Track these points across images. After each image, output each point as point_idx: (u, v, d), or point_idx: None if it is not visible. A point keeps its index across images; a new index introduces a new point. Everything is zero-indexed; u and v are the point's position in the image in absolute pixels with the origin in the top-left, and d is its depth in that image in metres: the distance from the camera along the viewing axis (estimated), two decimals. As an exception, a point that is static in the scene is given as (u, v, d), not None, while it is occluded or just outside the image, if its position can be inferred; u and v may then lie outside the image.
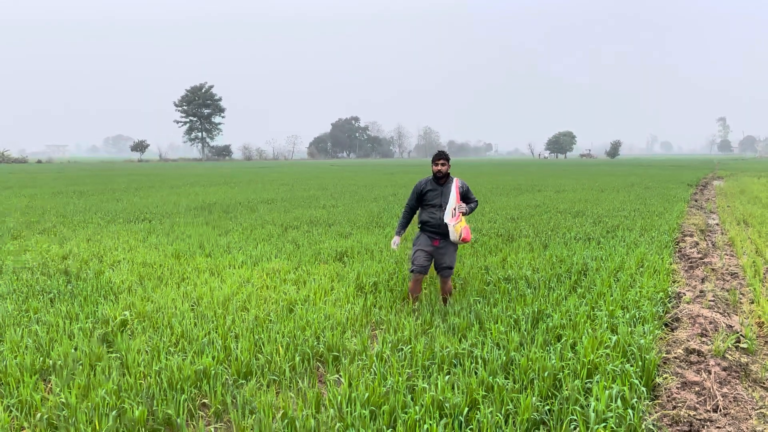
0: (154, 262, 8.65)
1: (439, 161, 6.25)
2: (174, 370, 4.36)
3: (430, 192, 6.34)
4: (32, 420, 3.83)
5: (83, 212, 16.04)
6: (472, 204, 6.44)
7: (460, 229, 6.13)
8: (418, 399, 3.98)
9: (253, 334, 5.30)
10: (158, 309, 6.14)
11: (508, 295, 6.74)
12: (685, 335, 5.36)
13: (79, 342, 5.08)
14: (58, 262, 8.72)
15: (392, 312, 6.06)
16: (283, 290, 6.93)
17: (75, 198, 21.38)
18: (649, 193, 21.97)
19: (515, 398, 3.99)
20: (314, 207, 17.59)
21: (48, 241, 10.75)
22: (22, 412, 3.94)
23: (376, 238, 10.97)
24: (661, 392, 4.28)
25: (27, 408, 3.96)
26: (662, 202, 18.42)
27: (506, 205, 17.58)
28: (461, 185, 6.34)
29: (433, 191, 6.33)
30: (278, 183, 31.79)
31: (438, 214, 6.23)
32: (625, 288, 7.01)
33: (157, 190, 25.53)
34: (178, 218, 14.57)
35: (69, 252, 9.51)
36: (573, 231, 11.77)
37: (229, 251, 9.72)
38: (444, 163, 6.25)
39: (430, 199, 6.31)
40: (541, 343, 5.03)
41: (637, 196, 20.54)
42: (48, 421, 3.76)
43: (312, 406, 3.96)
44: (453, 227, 6.13)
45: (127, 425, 3.70)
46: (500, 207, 17.09)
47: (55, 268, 8.24)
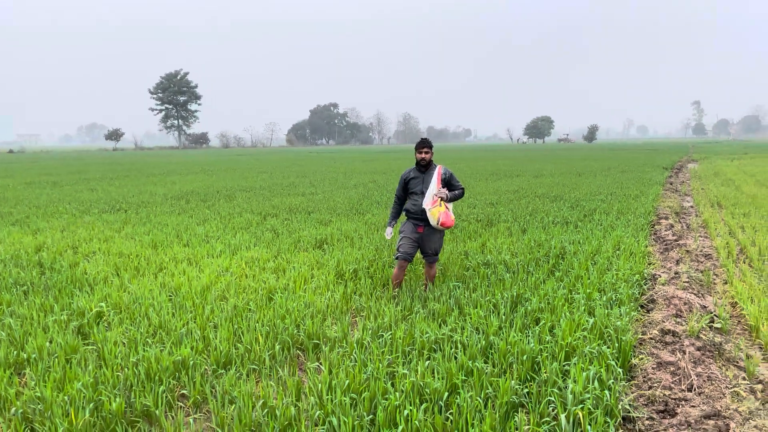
0: (130, 253, 8.53)
1: (423, 149, 6.27)
2: (152, 362, 4.31)
3: (413, 180, 6.39)
4: (6, 414, 3.77)
5: (57, 202, 15.74)
6: (456, 191, 6.40)
7: (438, 213, 6.13)
8: (399, 385, 3.99)
9: (232, 324, 5.27)
10: (135, 300, 6.07)
11: (488, 279, 6.78)
12: (661, 316, 5.45)
13: (54, 334, 5.00)
14: (31, 253, 8.56)
15: (372, 299, 6.06)
16: (263, 279, 6.89)
17: (48, 188, 20.98)
18: (626, 177, 22.22)
19: (494, 382, 4.02)
20: (293, 195, 17.48)
21: (21, 233, 10.54)
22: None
23: (356, 225, 10.94)
24: (637, 373, 4.34)
25: (1, 403, 3.89)
26: (638, 185, 18.64)
27: (485, 191, 17.65)
28: (444, 172, 6.35)
29: (415, 179, 6.37)
30: (257, 171, 31.52)
31: (420, 201, 6.26)
32: (602, 271, 7.09)
33: (132, 180, 25.15)
34: (154, 208, 14.38)
35: (42, 243, 9.34)
36: (551, 215, 11.86)
37: (208, 240, 9.63)
38: (427, 151, 6.27)
39: (413, 186, 6.36)
40: (519, 327, 5.07)
41: (613, 180, 20.76)
42: (23, 415, 3.70)
43: (292, 394, 3.95)
44: (429, 212, 6.14)
45: (104, 418, 3.66)
46: (479, 192, 17.15)
47: (29, 259, 8.08)
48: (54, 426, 3.48)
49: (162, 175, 28.54)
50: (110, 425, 3.62)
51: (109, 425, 3.62)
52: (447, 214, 6.19)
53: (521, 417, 3.48)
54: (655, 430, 3.49)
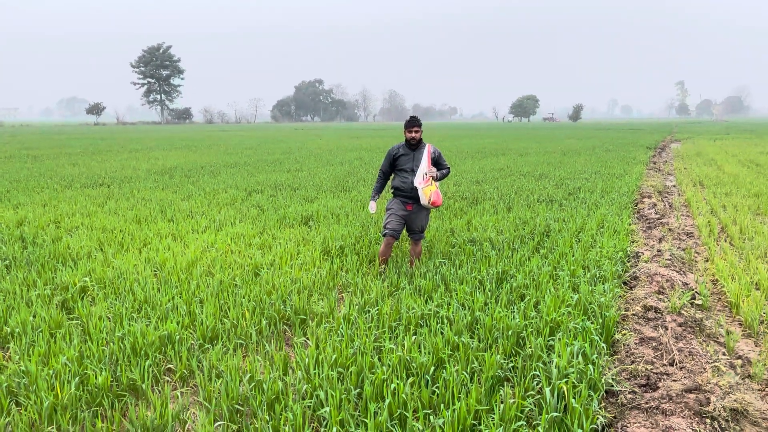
0: (114, 228, 8.44)
1: (413, 128, 6.27)
2: (137, 336, 4.29)
3: (402, 157, 6.36)
4: (-10, 389, 3.73)
5: (38, 177, 15.49)
6: (443, 170, 6.46)
7: (430, 193, 6.16)
8: (385, 359, 4.01)
9: (218, 299, 5.25)
10: (120, 275, 6.01)
11: (473, 256, 6.81)
12: (643, 293, 5.52)
13: (38, 309, 4.95)
14: (12, 228, 8.43)
15: (359, 275, 6.06)
16: (249, 255, 6.85)
17: (29, 162, 20.62)
18: (610, 156, 22.34)
19: (480, 356, 4.05)
20: (279, 171, 17.36)
21: (1, 207, 10.36)
22: (-20, 381, 3.82)
23: (342, 201, 10.91)
24: (620, 348, 4.41)
25: (-16, 377, 3.85)
26: (622, 164, 18.76)
27: (471, 169, 17.66)
28: (433, 151, 6.38)
29: (405, 156, 6.36)
30: (241, 147, 31.22)
31: (410, 178, 6.26)
32: (586, 248, 7.15)
33: (115, 155, 24.79)
34: (138, 183, 14.21)
35: (24, 218, 9.20)
36: (536, 194, 11.91)
37: (192, 216, 9.55)
38: (417, 129, 6.29)
39: (402, 164, 6.34)
40: (505, 303, 5.11)
41: (598, 159, 20.87)
42: (8, 389, 3.67)
43: (279, 368, 3.96)
44: (422, 190, 6.16)
45: (90, 392, 3.64)
46: (465, 170, 17.16)
47: (10, 234, 7.97)
48: (39, 399, 3.45)
49: (145, 150, 28.16)
50: (96, 399, 3.61)
51: (95, 399, 3.61)
52: (438, 194, 6.24)
53: (506, 390, 3.52)
54: (637, 404, 3.55)
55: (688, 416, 3.37)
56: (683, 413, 3.40)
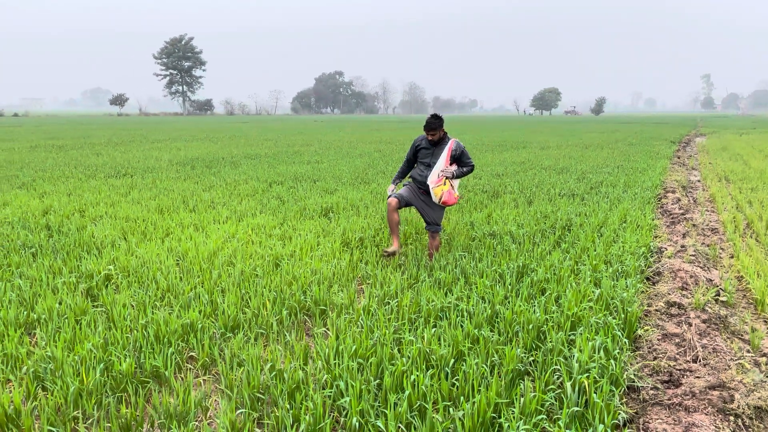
0: (137, 217, 8.55)
1: (429, 132, 6.17)
2: (161, 324, 4.35)
3: (423, 150, 6.33)
4: (18, 373, 3.81)
5: (63, 167, 15.74)
6: (463, 168, 6.28)
7: (441, 192, 6.07)
8: (405, 351, 4.02)
9: (240, 289, 5.30)
10: (143, 264, 6.10)
11: (493, 250, 6.78)
12: (666, 289, 5.45)
13: (63, 296, 5.04)
14: (38, 216, 8.58)
15: (378, 267, 6.07)
16: (269, 245, 6.90)
17: (54, 152, 20.95)
18: (633, 150, 22.05)
19: (500, 350, 4.04)
20: (299, 163, 17.42)
21: (27, 196, 10.55)
22: (8, 365, 3.91)
23: (362, 194, 10.92)
24: (642, 344, 4.36)
25: (12, 361, 3.93)
26: (645, 158, 18.50)
27: (491, 162, 17.55)
28: (455, 148, 6.22)
29: (426, 149, 6.32)
30: (261, 138, 31.37)
31: (426, 172, 6.22)
32: (608, 243, 7.08)
33: (137, 145, 25.08)
34: (160, 173, 14.36)
35: (49, 207, 9.36)
36: (557, 187, 11.81)
37: (213, 206, 9.63)
38: (433, 133, 6.16)
39: (422, 156, 6.32)
40: (525, 297, 5.09)
41: (620, 153, 20.61)
42: (34, 374, 3.75)
43: (300, 358, 3.99)
44: (432, 189, 6.08)
45: (114, 377, 3.70)
46: (485, 163, 17.06)
47: (36, 222, 8.11)
48: (65, 384, 3.52)
49: (167, 141, 28.44)
50: (120, 385, 3.67)
51: (120, 385, 3.67)
52: (450, 193, 6.13)
53: (527, 384, 3.51)
54: (659, 400, 3.51)
55: (711, 413, 3.33)
56: (706, 410, 3.36)
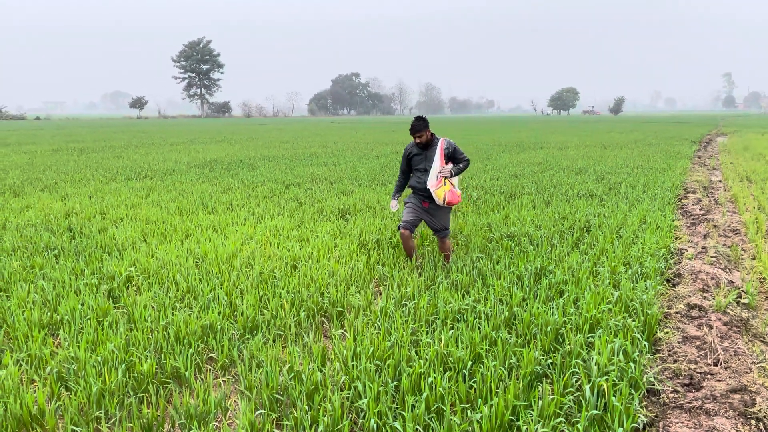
0: (157, 219, 8.66)
1: (415, 135, 6.04)
2: (180, 325, 4.40)
3: (415, 156, 6.20)
4: (42, 373, 3.89)
5: (84, 169, 15.97)
6: (460, 164, 6.15)
7: (443, 193, 5.96)
8: (423, 353, 4.02)
9: (258, 290, 5.34)
10: (163, 265, 6.17)
11: (511, 251, 6.75)
12: (687, 291, 5.40)
13: (85, 297, 5.12)
14: (61, 218, 8.73)
15: (395, 269, 6.09)
16: (287, 247, 6.95)
17: (75, 155, 21.27)
18: (652, 150, 21.81)
19: (518, 352, 4.03)
20: (316, 165, 17.50)
21: (50, 198, 10.74)
22: (32, 365, 3.99)
23: (379, 195, 10.95)
24: (662, 346, 4.33)
25: (36, 362, 4.01)
26: (665, 158, 18.30)
27: (509, 162, 17.48)
28: (446, 146, 6.08)
29: (418, 155, 6.18)
30: (279, 140, 31.55)
31: (424, 178, 6.09)
32: (627, 244, 7.02)
33: (157, 148, 25.37)
34: (179, 175, 14.52)
35: (71, 209, 9.51)
36: (576, 188, 11.73)
37: (232, 208, 9.72)
38: (420, 135, 6.01)
39: (416, 163, 6.19)
40: (543, 299, 5.07)
41: (640, 153, 20.40)
42: (58, 374, 3.82)
43: (318, 360, 4.01)
44: (434, 192, 5.98)
45: (136, 378, 3.76)
46: (502, 164, 17.00)
47: (58, 224, 8.25)
48: (88, 385, 3.58)
49: (185, 143, 28.73)
50: (142, 385, 3.72)
51: (141, 385, 3.73)
52: (452, 192, 6.01)
53: (545, 387, 3.49)
54: (679, 403, 3.48)
55: (732, 417, 3.29)
56: (727, 414, 3.32)
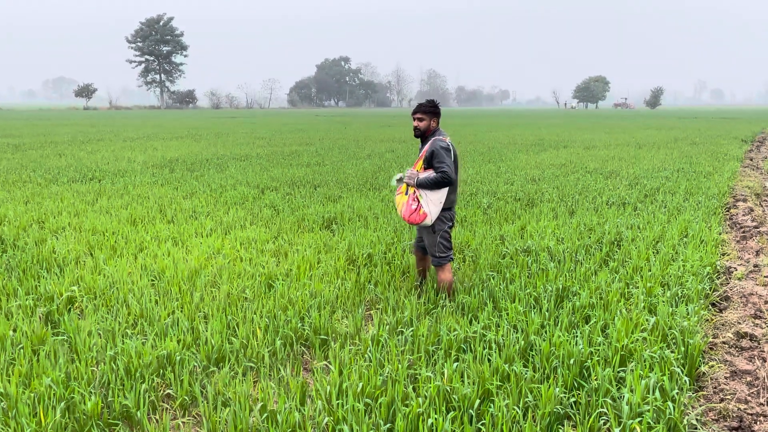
0: (105, 230, 8.64)
1: (415, 115, 5.78)
2: (132, 356, 4.38)
3: None
4: (-35, 413, 3.86)
5: (19, 169, 15.95)
6: (432, 175, 5.55)
7: (401, 204, 5.72)
8: (422, 390, 4.02)
9: (226, 314, 5.33)
10: (112, 284, 6.16)
11: (528, 269, 6.77)
12: (736, 317, 5.42)
13: (18, 322, 5.10)
14: (-10, 228, 8.70)
15: (390, 289, 6.09)
16: (261, 263, 6.94)
17: (9, 152, 21.24)
18: (696, 150, 21.97)
19: (535, 389, 4.04)
20: (296, 165, 17.54)
21: (-22, 204, 10.70)
22: (-47, 403, 3.96)
23: (371, 202, 10.97)
24: (706, 382, 4.34)
25: (-41, 399, 3.99)
26: (711, 160, 18.43)
27: (526, 164, 17.56)
28: (431, 148, 5.63)
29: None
30: (253, 136, 31.61)
31: None
32: (665, 261, 7.05)
33: (107, 144, 25.36)
34: (133, 177, 14.51)
35: (3, 216, 9.49)
36: (605, 195, 11.79)
37: (196, 217, 9.71)
38: (421, 117, 5.74)
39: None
40: (566, 326, 5.08)
41: (681, 154, 20.54)
42: (-16, 413, 3.79)
43: (296, 397, 4.00)
44: (395, 198, 5.84)
45: (77, 419, 3.74)
46: (518, 166, 17.07)
47: (-12, 235, 8.22)
48: (20, 426, 3.56)
49: (142, 139, 28.74)
50: (85, 427, 3.70)
51: (84, 427, 3.70)
52: (408, 206, 5.63)
53: (567, 430, 3.50)
54: (726, 450, 3.49)
55: (790, 467, 3.30)
56: (784, 464, 3.32)
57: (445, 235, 5.81)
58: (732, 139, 28.58)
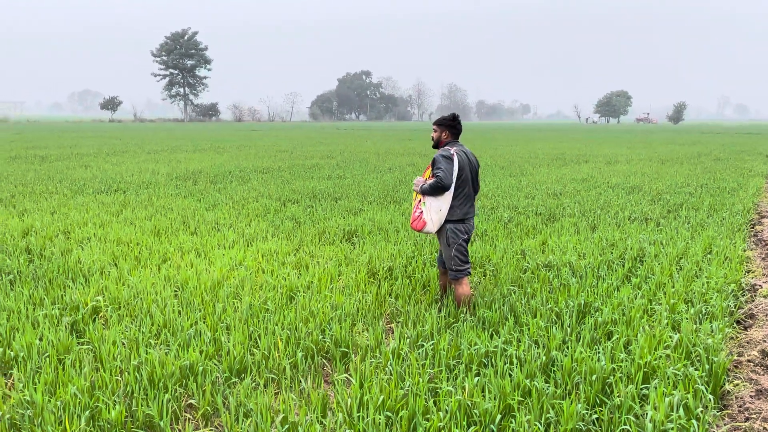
0: (130, 240, 8.74)
1: (432, 127, 6.10)
2: (155, 366, 4.43)
3: None
4: (-8, 420, 3.91)
5: (46, 180, 16.19)
6: (429, 181, 5.76)
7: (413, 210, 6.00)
8: (442, 404, 4.01)
9: (248, 326, 5.36)
10: (136, 294, 6.22)
11: (549, 284, 6.74)
12: (762, 335, 5.35)
13: (44, 331, 5.16)
14: (18, 238, 8.84)
15: (411, 302, 6.09)
16: (282, 275, 6.98)
17: (36, 164, 21.57)
18: (720, 166, 21.75)
19: (557, 405, 4.01)
20: (317, 178, 17.62)
21: (6, 214, 10.88)
22: (-20, 410, 4.02)
23: (392, 215, 10.99)
24: (731, 401, 4.28)
25: (-14, 406, 4.04)
26: (735, 176, 18.24)
27: (547, 179, 17.50)
28: (435, 156, 5.82)
29: None
30: (275, 149, 31.83)
31: None
32: (689, 278, 6.99)
33: (132, 156, 25.67)
34: (157, 189, 14.67)
35: (30, 227, 9.63)
36: (627, 210, 11.71)
37: (218, 228, 9.79)
38: (434, 129, 6.03)
39: None
40: (587, 342, 5.04)
41: (704, 170, 20.35)
42: (10, 421, 3.84)
43: (317, 409, 4.01)
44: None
45: (101, 427, 3.78)
46: (539, 180, 17.01)
47: (15, 245, 8.35)
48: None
49: (166, 151, 29.06)
50: (108, 436, 3.74)
51: (107, 436, 3.74)
52: (413, 213, 5.96)
53: (589, 447, 3.47)
54: (752, 470, 3.44)
55: (817, 489, 3.24)
56: (812, 485, 3.27)
57: (460, 248, 5.83)
58: (757, 154, 28.26)
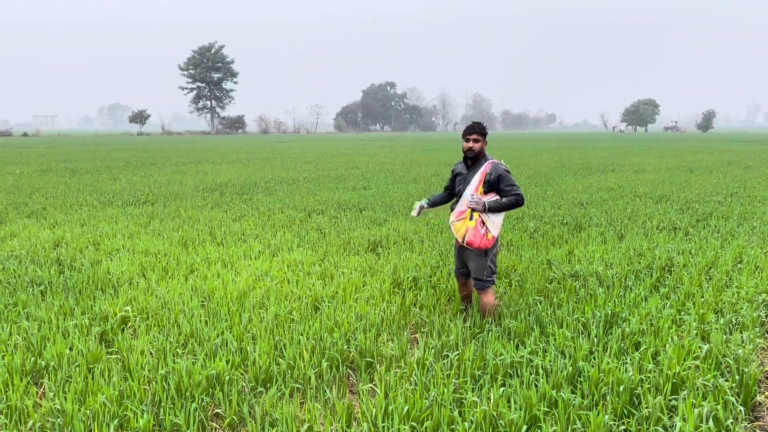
0: (158, 251, 8.85)
1: (471, 136, 5.64)
2: (183, 375, 4.47)
3: (458, 176, 5.87)
4: (23, 428, 3.98)
5: (76, 193, 16.46)
6: (504, 199, 5.52)
7: (464, 229, 5.54)
8: (468, 414, 4.00)
9: (273, 335, 5.39)
10: (164, 304, 6.30)
11: (576, 294, 6.69)
12: (794, 345, 5.24)
13: (74, 341, 5.25)
14: (48, 249, 9.00)
15: (435, 312, 6.08)
16: (308, 285, 7.01)
17: (67, 176, 21.95)
18: (750, 174, 21.42)
19: (583, 416, 3.98)
20: (342, 189, 17.69)
21: (37, 226, 11.08)
22: (12, 419, 4.09)
23: (416, 225, 10.99)
24: (762, 413, 4.22)
25: (17, 414, 4.11)
26: (766, 185, 17.95)
27: (573, 188, 17.38)
28: (490, 170, 5.55)
29: (460, 175, 5.83)
30: (300, 160, 32.03)
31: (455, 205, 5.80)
32: (719, 288, 6.89)
33: (159, 168, 26.01)
34: (184, 201, 14.85)
35: (61, 238, 9.80)
36: (655, 219, 11.58)
37: (244, 239, 9.87)
38: (477, 138, 5.63)
39: (457, 185, 5.87)
40: (615, 352, 4.99)
41: (734, 178, 20.06)
42: (41, 429, 3.91)
43: (342, 419, 4.02)
44: (452, 224, 5.67)
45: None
46: (566, 190, 16.90)
47: (46, 256, 8.50)
48: (75, 442, 3.66)
49: (193, 163, 29.39)
50: (136, 445, 3.79)
51: (135, 445, 3.79)
52: (476, 232, 5.50)
53: (616, 459, 3.43)
54: (785, 484, 3.37)
55: None
56: None
57: (494, 258, 5.80)
58: (788, 162, 27.78)
